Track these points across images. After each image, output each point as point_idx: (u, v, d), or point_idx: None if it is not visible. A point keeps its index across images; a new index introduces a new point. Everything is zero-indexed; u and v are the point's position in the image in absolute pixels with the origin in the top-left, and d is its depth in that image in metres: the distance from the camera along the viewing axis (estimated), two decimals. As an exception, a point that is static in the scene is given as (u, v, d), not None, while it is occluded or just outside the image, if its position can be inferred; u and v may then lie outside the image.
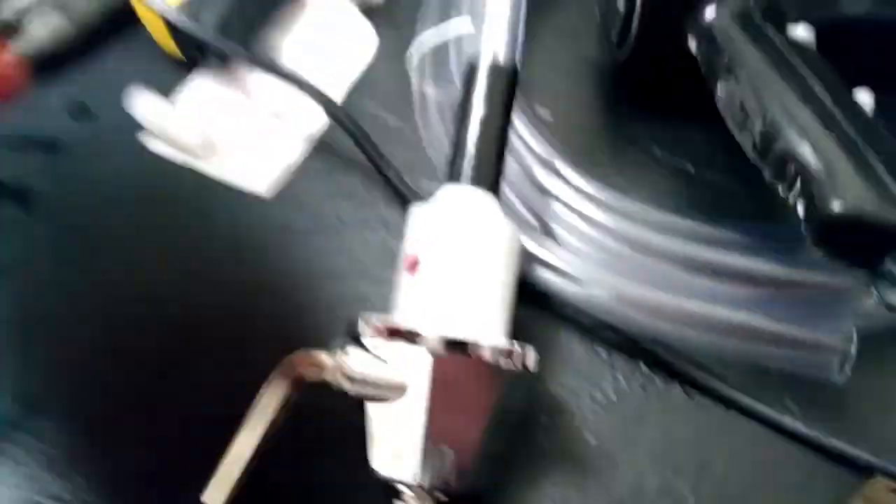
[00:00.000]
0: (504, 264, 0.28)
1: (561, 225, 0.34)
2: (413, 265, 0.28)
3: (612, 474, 0.30)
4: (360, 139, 0.38)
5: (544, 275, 0.32)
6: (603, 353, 0.32)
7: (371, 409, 0.26)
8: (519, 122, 0.37)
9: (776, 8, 0.33)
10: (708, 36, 0.33)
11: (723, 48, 0.32)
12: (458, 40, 0.40)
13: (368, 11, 0.44)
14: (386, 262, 0.34)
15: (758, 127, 0.29)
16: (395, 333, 0.25)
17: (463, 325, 0.26)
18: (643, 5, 0.35)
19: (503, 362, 0.25)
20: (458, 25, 0.40)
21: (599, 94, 0.41)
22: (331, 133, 0.40)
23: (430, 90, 0.39)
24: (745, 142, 0.30)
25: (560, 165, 0.35)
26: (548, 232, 0.34)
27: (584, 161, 0.35)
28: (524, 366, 0.25)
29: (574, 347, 0.32)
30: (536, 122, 0.37)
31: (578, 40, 0.42)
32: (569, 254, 0.33)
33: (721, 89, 0.32)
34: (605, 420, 0.31)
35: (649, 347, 0.32)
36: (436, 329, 0.25)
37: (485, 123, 0.31)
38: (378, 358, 0.25)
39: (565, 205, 0.34)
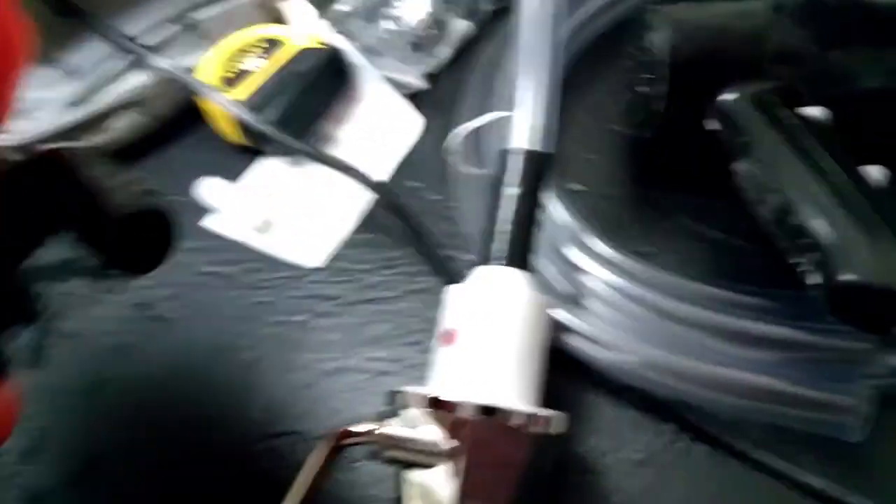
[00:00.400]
0: (534, 336, 0.30)
1: (590, 294, 0.36)
2: (450, 338, 0.30)
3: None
4: (406, 217, 0.41)
5: (575, 342, 0.35)
6: (630, 415, 0.34)
7: (409, 474, 0.28)
8: (550, 196, 0.39)
9: (791, 90, 0.36)
10: (727, 117, 0.36)
11: (741, 129, 0.35)
12: (494, 125, 0.43)
13: (413, 95, 0.48)
14: (425, 328, 0.37)
15: (773, 202, 0.31)
16: (434, 404, 0.28)
17: (497, 392, 0.29)
18: (669, 91, 0.37)
19: (531, 426, 0.27)
20: (495, 115, 0.43)
21: (628, 167, 0.44)
22: (378, 209, 0.43)
23: (467, 171, 0.43)
24: (762, 215, 0.32)
25: (588, 238, 0.37)
26: (577, 301, 0.36)
27: (613, 230, 0.38)
28: (550, 429, 0.27)
29: (603, 410, 0.34)
30: (566, 196, 0.40)
31: (609, 117, 0.45)
32: (598, 321, 0.35)
33: (740, 166, 0.34)
34: (632, 479, 0.32)
35: (676, 411, 0.33)
36: (472, 396, 0.28)
37: (517, 206, 0.33)
38: (421, 427, 0.28)
39: (593, 276, 0.36)
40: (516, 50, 0.37)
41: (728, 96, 0.36)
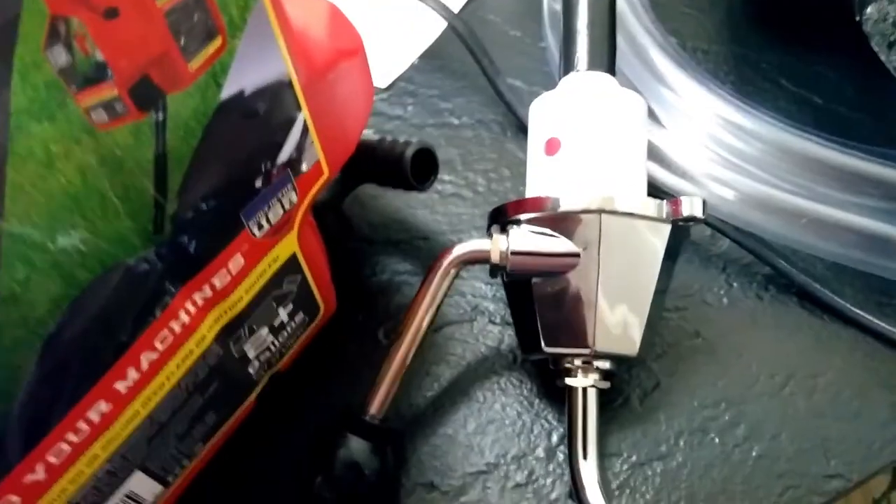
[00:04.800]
0: (637, 135, 0.28)
1: (676, 118, 0.34)
2: (554, 147, 0.28)
3: (719, 372, 0.30)
4: (475, 45, 0.38)
5: (658, 173, 0.33)
6: (718, 259, 0.32)
7: (536, 287, 0.26)
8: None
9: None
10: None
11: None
12: None
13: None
14: (494, 157, 0.36)
15: (909, 42, 0.29)
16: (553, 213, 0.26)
17: (619, 191, 0.27)
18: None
19: (671, 213, 0.26)
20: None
21: (726, 23, 0.41)
22: (450, 38, 0.40)
23: (558, 4, 0.40)
24: (894, 60, 0.30)
25: (679, 73, 0.35)
26: (660, 124, 0.34)
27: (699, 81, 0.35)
28: (684, 214, 0.25)
29: (694, 247, 0.33)
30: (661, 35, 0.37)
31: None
32: (686, 152, 0.33)
33: (871, 11, 0.31)
34: (715, 322, 0.31)
35: (767, 257, 0.31)
36: (598, 197, 0.26)
37: (592, 8, 0.31)
38: (541, 233, 0.26)
39: (682, 97, 0.34)
40: None
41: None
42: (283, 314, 0.26)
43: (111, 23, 0.15)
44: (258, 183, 0.21)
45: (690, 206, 0.26)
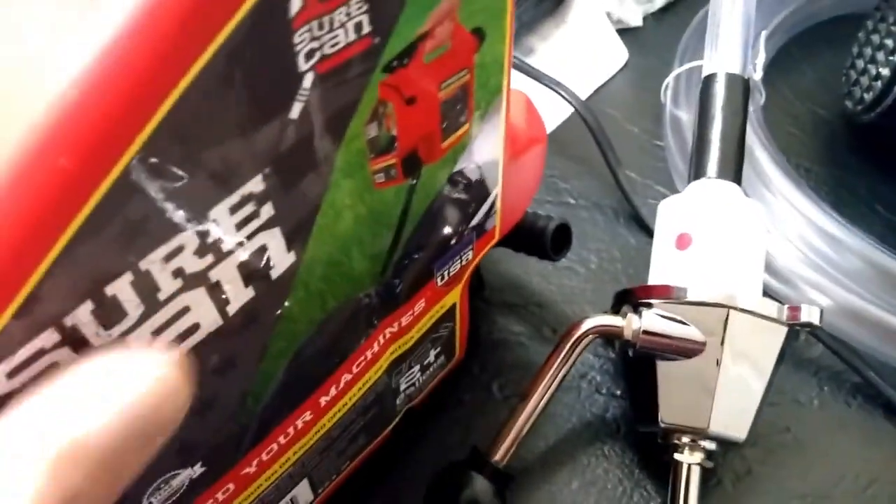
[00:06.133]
0: (759, 240, 0.31)
1: (778, 225, 0.37)
2: (685, 242, 0.31)
3: (806, 467, 0.32)
4: (596, 132, 0.42)
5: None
6: (811, 363, 0.35)
7: (661, 366, 0.29)
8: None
9: None
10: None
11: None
12: (696, 75, 0.44)
13: (624, 31, 0.49)
14: (602, 235, 0.40)
15: None
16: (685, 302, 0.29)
17: (740, 289, 0.30)
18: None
19: (790, 317, 0.29)
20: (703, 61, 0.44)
21: (827, 147, 0.44)
22: (565, 127, 0.44)
23: (680, 113, 0.44)
24: None
25: (780, 180, 0.38)
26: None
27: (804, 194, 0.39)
28: (804, 320, 0.28)
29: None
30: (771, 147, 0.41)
31: (814, 99, 0.46)
32: (786, 257, 0.36)
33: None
34: (806, 421, 0.33)
35: (858, 367, 0.34)
36: (722, 294, 0.29)
37: (725, 123, 0.34)
38: (670, 318, 0.29)
39: (789, 202, 0.37)
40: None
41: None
42: (432, 355, 0.29)
43: (409, 108, 0.18)
44: (453, 241, 0.24)
45: (808, 314, 0.29)
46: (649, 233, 0.40)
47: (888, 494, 0.31)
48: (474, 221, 0.25)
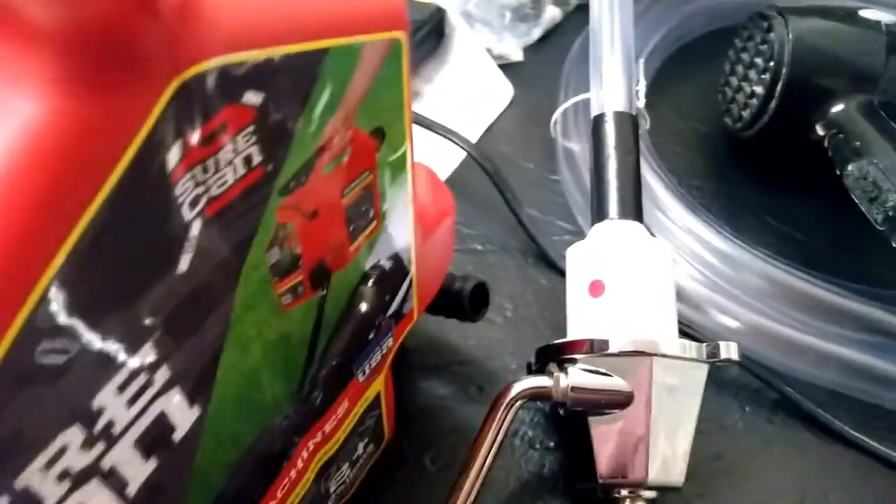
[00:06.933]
0: (670, 279, 0.31)
1: (679, 251, 0.38)
2: (598, 289, 0.31)
3: (741, 492, 0.32)
4: (493, 175, 0.42)
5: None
6: (731, 385, 0.36)
7: (593, 422, 0.29)
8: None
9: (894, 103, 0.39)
10: (836, 125, 0.39)
11: (851, 135, 0.38)
12: (581, 107, 0.45)
13: (506, 66, 0.49)
14: (514, 279, 0.39)
15: (891, 201, 0.34)
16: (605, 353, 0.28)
17: (662, 333, 0.30)
18: (779, 98, 0.40)
19: (711, 357, 0.29)
20: (590, 94, 0.44)
21: (713, 163, 0.46)
22: (461, 172, 0.44)
23: (571, 145, 0.44)
24: (875, 213, 0.35)
25: (676, 207, 0.39)
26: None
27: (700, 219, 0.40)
28: (728, 357, 0.29)
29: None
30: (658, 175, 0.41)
31: (696, 116, 0.48)
32: (693, 283, 0.37)
33: (852, 169, 0.36)
34: (733, 444, 0.34)
35: (776, 385, 0.35)
36: (644, 343, 0.28)
37: (620, 162, 0.34)
38: (599, 372, 0.28)
39: (684, 227, 0.38)
40: (596, 35, 0.39)
41: (836, 107, 0.39)
42: (360, 447, 0.27)
43: (312, 222, 0.17)
44: (371, 335, 0.23)
45: (727, 350, 0.29)
46: (558, 271, 0.40)
47: (818, 510, 0.32)
48: (391, 310, 0.23)
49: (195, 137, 0.12)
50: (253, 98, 0.13)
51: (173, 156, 0.12)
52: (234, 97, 0.12)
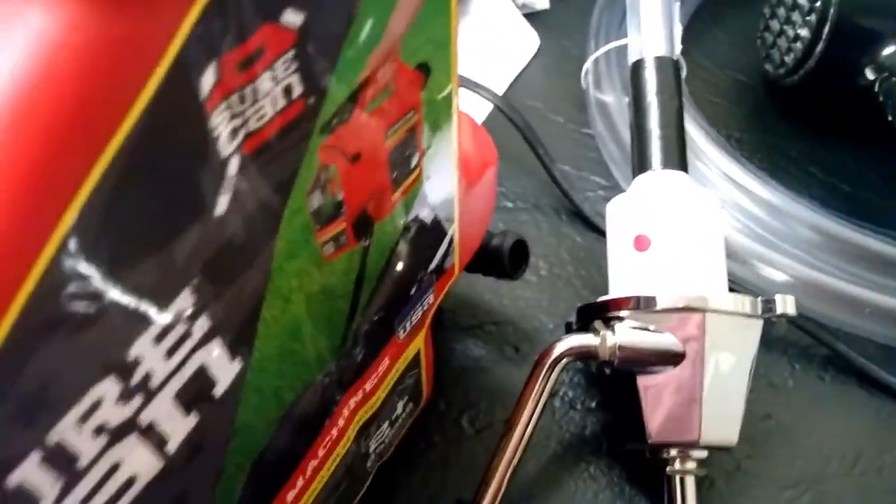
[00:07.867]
0: (717, 228, 0.30)
1: (728, 206, 0.36)
2: (644, 244, 0.29)
3: (793, 453, 0.31)
4: (524, 129, 0.40)
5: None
6: (779, 342, 0.34)
7: (641, 381, 0.27)
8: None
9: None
10: (889, 67, 0.36)
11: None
12: (621, 50, 0.43)
13: (531, 15, 0.47)
14: (547, 238, 0.38)
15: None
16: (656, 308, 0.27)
17: (712, 287, 0.28)
18: (826, 41, 0.38)
19: (766, 311, 0.27)
20: (623, 41, 0.42)
21: (753, 113, 0.44)
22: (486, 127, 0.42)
23: (604, 97, 0.42)
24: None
25: (718, 156, 0.37)
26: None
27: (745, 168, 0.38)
28: (780, 312, 0.27)
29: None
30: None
31: (733, 65, 0.45)
32: (738, 235, 0.35)
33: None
34: (784, 403, 0.32)
35: (826, 340, 0.33)
36: (696, 298, 0.27)
37: (663, 109, 0.33)
38: (647, 330, 0.27)
39: (728, 176, 0.36)
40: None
41: (888, 49, 0.37)
42: (400, 406, 0.26)
43: (355, 166, 0.16)
44: (412, 290, 0.22)
45: (784, 304, 0.27)
46: (594, 228, 0.39)
47: (875, 468, 0.31)
48: (433, 265, 0.22)
49: (231, 59, 0.11)
50: (293, 18, 0.12)
51: (207, 80, 0.11)
52: (272, 15, 0.11)
